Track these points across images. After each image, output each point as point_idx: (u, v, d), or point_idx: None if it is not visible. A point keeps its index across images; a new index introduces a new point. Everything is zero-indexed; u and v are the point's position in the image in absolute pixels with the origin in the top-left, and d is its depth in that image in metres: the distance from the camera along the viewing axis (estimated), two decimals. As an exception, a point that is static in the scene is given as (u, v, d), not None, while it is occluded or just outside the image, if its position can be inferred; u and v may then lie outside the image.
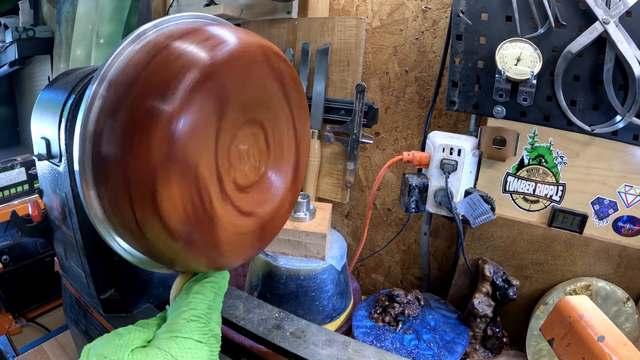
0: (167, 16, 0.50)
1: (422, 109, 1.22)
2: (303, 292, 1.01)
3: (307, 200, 1.04)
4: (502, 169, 1.10)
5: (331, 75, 1.24)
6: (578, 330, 0.62)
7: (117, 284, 0.66)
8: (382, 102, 1.26)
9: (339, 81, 1.24)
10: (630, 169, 1.02)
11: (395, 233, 1.36)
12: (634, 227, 1.06)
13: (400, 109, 1.24)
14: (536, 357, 1.09)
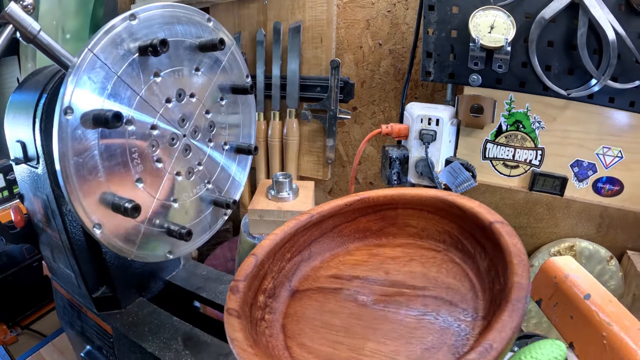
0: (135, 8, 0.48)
1: (398, 81, 1.21)
2: (292, 271, 1.01)
3: (289, 179, 1.04)
4: (481, 136, 1.11)
5: (304, 53, 1.22)
6: (564, 290, 0.63)
7: (107, 281, 0.66)
8: (358, 76, 1.25)
9: (313, 58, 1.22)
10: (607, 131, 1.03)
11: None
12: (613, 187, 1.08)
13: (376, 83, 1.24)
14: (525, 317, 1.12)
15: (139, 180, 0.51)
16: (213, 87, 0.60)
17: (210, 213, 0.66)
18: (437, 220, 0.57)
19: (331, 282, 0.56)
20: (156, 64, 0.50)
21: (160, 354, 0.61)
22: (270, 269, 0.54)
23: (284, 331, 0.50)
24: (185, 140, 0.57)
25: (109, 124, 0.42)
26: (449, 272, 0.53)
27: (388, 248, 0.59)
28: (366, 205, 0.59)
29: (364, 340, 0.47)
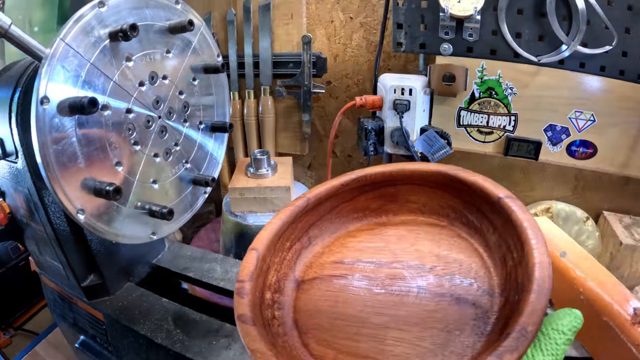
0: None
1: (370, 54, 1.22)
2: (276, 246, 1.03)
3: (267, 156, 1.05)
4: (455, 104, 1.12)
5: (276, 30, 1.22)
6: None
7: (95, 268, 0.66)
8: (330, 50, 1.25)
9: (285, 35, 1.22)
10: (579, 95, 1.06)
11: (358, 178, 1.39)
12: (587, 150, 1.10)
13: (349, 56, 1.24)
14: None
15: (118, 164, 0.51)
16: (185, 68, 0.61)
17: (190, 192, 0.67)
18: (439, 195, 0.56)
19: (337, 269, 0.54)
20: (127, 49, 0.50)
21: (153, 335, 0.62)
22: (272, 261, 0.52)
23: (298, 327, 0.49)
24: (161, 122, 0.58)
25: (85, 110, 0.42)
26: (458, 248, 0.52)
27: (390, 226, 0.58)
28: (363, 183, 0.58)
29: (385, 329, 0.46)
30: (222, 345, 0.61)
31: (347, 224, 0.59)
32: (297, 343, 0.46)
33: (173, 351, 0.60)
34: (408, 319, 0.45)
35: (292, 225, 0.54)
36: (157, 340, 0.61)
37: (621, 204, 1.17)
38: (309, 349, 0.46)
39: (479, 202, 0.51)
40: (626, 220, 1.13)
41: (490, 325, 0.42)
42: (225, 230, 1.09)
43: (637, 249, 1.03)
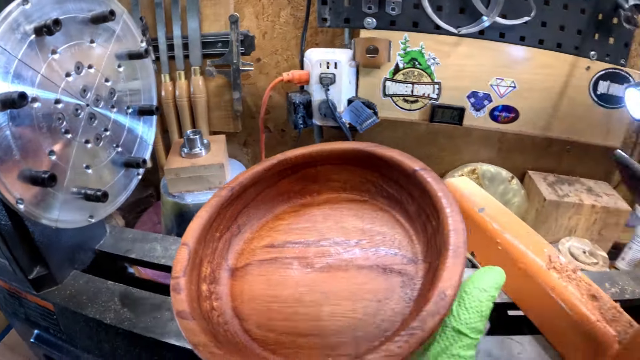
0: None
1: (298, 30, 1.24)
2: (215, 222, 1.06)
3: (200, 135, 1.07)
4: (380, 75, 1.17)
5: (204, 10, 1.22)
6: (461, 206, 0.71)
7: (40, 260, 0.66)
8: (259, 28, 1.27)
9: (212, 15, 1.23)
10: (499, 63, 1.12)
11: (292, 150, 1.42)
12: (509, 114, 1.18)
13: (277, 33, 1.26)
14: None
15: (52, 153, 0.53)
16: (109, 56, 0.62)
17: (124, 174, 0.69)
18: (358, 172, 0.58)
19: (268, 253, 0.55)
20: (53, 42, 0.51)
21: (102, 316, 0.64)
22: (204, 253, 0.53)
23: (237, 315, 0.50)
24: (89, 110, 0.59)
25: (16, 104, 0.44)
26: (381, 221, 0.54)
27: (315, 206, 0.60)
28: (285, 167, 0.59)
29: (318, 306, 0.48)
30: (167, 318, 0.63)
31: (273, 208, 0.60)
32: (239, 330, 0.48)
33: (122, 329, 0.62)
34: (339, 294, 0.48)
35: (220, 216, 0.55)
36: (106, 321, 0.63)
37: (545, 163, 1.25)
38: (251, 335, 0.47)
39: (397, 175, 0.53)
40: (550, 179, 1.21)
41: (416, 291, 0.45)
42: (165, 212, 1.11)
43: (560, 205, 1.11)
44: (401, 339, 0.35)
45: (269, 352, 0.45)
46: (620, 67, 1.11)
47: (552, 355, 0.59)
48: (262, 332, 0.47)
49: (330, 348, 0.44)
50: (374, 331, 0.43)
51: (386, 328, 0.43)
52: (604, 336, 0.51)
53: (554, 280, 0.58)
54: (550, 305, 0.58)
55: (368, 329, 0.44)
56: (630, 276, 0.74)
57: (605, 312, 0.53)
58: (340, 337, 0.44)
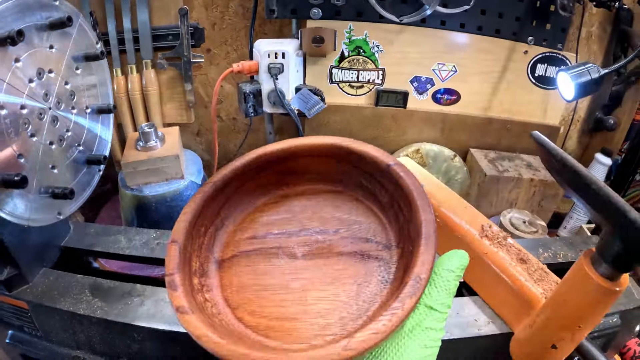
0: None
1: (247, 20, 1.26)
2: (175, 211, 1.09)
3: (154, 128, 1.08)
4: (326, 63, 1.21)
5: (153, 3, 1.22)
6: (402, 184, 0.77)
7: (10, 260, 0.68)
8: (208, 19, 1.28)
9: (162, 7, 1.23)
10: (441, 49, 1.19)
11: (243, 138, 1.46)
12: (451, 97, 1.25)
13: (227, 24, 1.28)
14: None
15: (20, 156, 0.55)
16: (67, 59, 0.64)
17: (86, 171, 0.72)
18: (334, 164, 0.59)
19: (252, 244, 0.57)
20: (15, 51, 0.53)
21: (75, 308, 0.67)
22: (192, 248, 0.54)
23: (229, 304, 0.52)
24: (52, 112, 0.61)
25: None
26: (356, 211, 0.58)
27: (293, 197, 0.62)
28: (264, 161, 0.60)
29: (304, 291, 0.51)
30: (137, 303, 0.67)
31: (253, 200, 0.62)
32: (232, 319, 0.50)
33: (95, 318, 0.65)
34: (323, 279, 0.51)
35: (204, 211, 0.56)
36: (80, 312, 0.66)
37: (487, 141, 1.32)
38: (244, 322, 0.50)
39: (370, 168, 0.56)
40: (491, 155, 1.29)
41: (392, 274, 0.50)
42: (124, 206, 1.12)
43: (500, 179, 1.19)
44: (384, 318, 0.39)
45: (262, 337, 0.48)
46: (557, 51, 1.19)
47: (488, 313, 0.66)
48: (254, 319, 0.50)
49: (318, 329, 0.47)
50: (356, 311, 0.48)
51: (367, 308, 0.47)
52: (531, 294, 0.58)
53: (487, 247, 0.64)
54: (484, 269, 0.64)
55: (351, 310, 0.48)
56: (563, 242, 0.82)
57: (533, 274, 0.60)
58: (327, 318, 0.48)
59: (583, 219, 1.26)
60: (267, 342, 0.47)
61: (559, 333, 0.52)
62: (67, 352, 0.74)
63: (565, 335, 0.52)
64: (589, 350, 0.56)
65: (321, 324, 0.48)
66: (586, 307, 0.49)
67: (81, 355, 0.73)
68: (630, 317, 0.71)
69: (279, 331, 0.48)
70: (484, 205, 1.23)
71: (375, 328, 0.39)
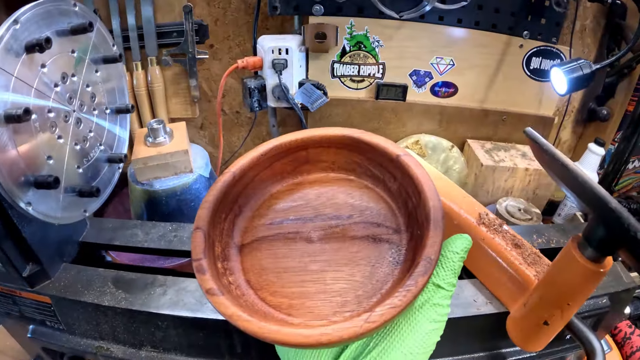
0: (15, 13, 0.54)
1: (249, 16, 1.30)
2: (184, 204, 1.13)
3: (163, 124, 1.12)
4: (328, 58, 1.25)
5: (157, 0, 1.26)
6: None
7: (32, 257, 0.70)
8: (211, 15, 1.31)
9: (166, 5, 1.26)
10: (439, 44, 1.23)
11: (247, 131, 1.49)
12: (449, 90, 1.29)
13: (229, 20, 1.31)
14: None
15: (49, 158, 0.59)
16: (88, 63, 0.68)
17: (108, 170, 0.76)
18: (345, 154, 0.62)
19: (270, 229, 0.59)
20: (41, 57, 0.57)
21: (100, 300, 0.70)
22: (214, 234, 0.56)
23: (251, 286, 0.54)
24: (76, 115, 0.65)
25: (21, 119, 0.50)
26: (367, 197, 0.60)
27: (307, 185, 0.64)
28: (279, 151, 0.62)
29: (322, 272, 0.54)
30: (159, 293, 0.71)
31: (268, 187, 0.63)
32: (256, 299, 0.53)
33: (120, 308, 0.69)
34: (339, 261, 0.55)
35: (224, 199, 0.58)
36: (104, 304, 0.69)
37: (483, 132, 1.36)
38: (267, 302, 0.52)
39: (380, 158, 0.59)
40: (487, 146, 1.33)
41: (402, 256, 0.54)
42: (134, 200, 1.16)
43: (496, 169, 1.23)
44: (400, 294, 0.43)
45: (285, 315, 0.51)
46: (552, 44, 1.23)
47: (486, 294, 0.71)
48: (276, 299, 0.53)
49: (337, 306, 0.51)
50: (371, 290, 0.51)
51: (380, 287, 0.51)
52: (525, 276, 0.62)
53: (483, 233, 0.69)
54: (482, 254, 0.69)
55: (366, 289, 0.52)
56: (556, 229, 0.86)
57: (527, 257, 0.65)
58: (344, 296, 0.51)
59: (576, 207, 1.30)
60: (290, 319, 0.50)
61: (550, 311, 0.56)
62: (91, 342, 0.77)
63: (556, 313, 0.56)
64: (578, 328, 0.61)
65: (339, 302, 0.51)
66: (574, 287, 0.53)
67: (104, 346, 0.76)
68: (618, 299, 0.75)
69: (300, 309, 0.51)
70: (480, 193, 1.27)
71: (393, 303, 0.43)
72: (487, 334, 0.72)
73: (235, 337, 0.71)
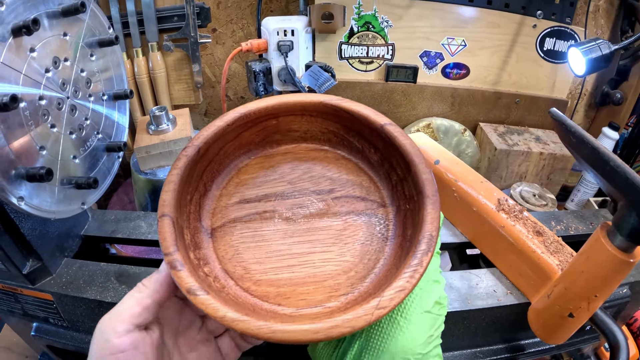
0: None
1: (251, -2, 1.26)
2: (188, 193, 1.09)
3: (165, 111, 1.08)
4: (335, 39, 1.21)
5: (156, -16, 1.22)
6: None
7: (32, 253, 0.68)
8: (212, -2, 1.27)
9: (166, -12, 1.22)
10: (450, 24, 1.19)
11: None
12: (460, 71, 1.25)
13: (232, 2, 1.28)
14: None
15: (42, 148, 0.56)
16: (82, 46, 0.64)
17: (107, 159, 0.73)
18: (320, 122, 0.57)
19: (242, 209, 0.55)
20: (30, 41, 0.53)
21: (102, 296, 0.67)
22: (182, 220, 0.50)
23: (231, 276, 0.50)
24: (70, 102, 0.62)
25: (9, 107, 0.46)
26: (346, 169, 0.57)
27: (278, 156, 0.59)
28: (248, 120, 0.56)
29: (309, 254, 0.51)
30: (163, 287, 0.68)
31: (235, 161, 0.58)
32: (238, 291, 0.48)
33: None
34: (326, 241, 0.52)
35: (189, 178, 0.52)
36: (107, 300, 0.67)
37: (496, 115, 1.33)
38: (251, 293, 0.48)
39: (360, 127, 0.55)
40: (500, 129, 1.29)
41: (391, 232, 0.51)
42: (138, 190, 1.13)
43: (510, 153, 1.20)
44: (407, 275, 0.41)
45: (275, 305, 0.47)
46: (566, 25, 1.18)
47: (506, 284, 0.68)
48: (261, 288, 0.49)
49: (329, 290, 0.48)
50: (362, 270, 0.49)
51: (372, 266, 0.49)
52: (548, 266, 0.59)
53: (504, 220, 0.66)
54: (501, 241, 0.66)
55: (357, 269, 0.49)
56: (574, 215, 0.83)
57: (549, 246, 0.61)
58: (336, 279, 0.49)
59: (590, 192, 1.26)
60: (281, 309, 0.47)
61: (576, 302, 0.53)
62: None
63: (582, 304, 0.53)
64: (602, 320, 0.58)
65: (332, 286, 0.49)
66: (602, 278, 0.50)
67: (109, 341, 0.74)
68: (639, 289, 0.72)
69: (291, 297, 0.48)
70: (494, 178, 1.24)
71: (401, 286, 0.41)
72: (507, 326, 0.69)
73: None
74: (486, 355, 0.71)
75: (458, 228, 0.77)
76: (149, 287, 0.44)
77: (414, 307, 0.47)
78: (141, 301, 0.43)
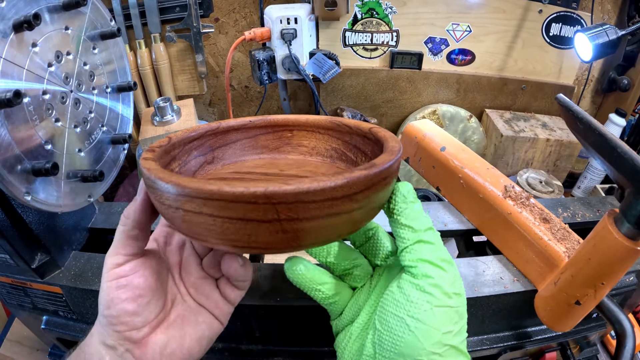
0: None
1: (253, -13, 1.25)
2: (194, 185, 1.09)
3: (169, 102, 1.09)
4: (339, 26, 1.21)
5: (157, -26, 1.21)
6: (424, 146, 0.77)
7: (40, 247, 0.68)
8: (214, -13, 1.27)
9: (167, -21, 1.22)
10: (454, 9, 1.18)
11: (258, 106, 1.46)
12: (466, 57, 1.24)
13: (233, -9, 1.27)
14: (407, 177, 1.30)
15: (47, 143, 0.56)
16: (84, 39, 0.64)
17: (112, 151, 0.73)
18: (326, 139, 0.62)
19: (233, 176, 0.59)
20: (31, 36, 0.53)
21: None
22: (178, 155, 0.54)
23: None
24: (74, 95, 0.62)
25: (12, 103, 0.46)
26: None
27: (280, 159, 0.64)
28: (267, 124, 0.63)
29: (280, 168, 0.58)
30: (172, 275, 0.68)
31: (245, 156, 0.63)
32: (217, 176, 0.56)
33: None
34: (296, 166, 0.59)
35: (203, 139, 0.58)
36: None
37: (502, 102, 1.32)
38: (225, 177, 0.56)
39: (356, 138, 0.58)
40: (507, 116, 1.28)
41: None
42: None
43: (516, 140, 1.19)
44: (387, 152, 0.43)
45: None
46: (572, 10, 1.17)
47: (512, 271, 0.68)
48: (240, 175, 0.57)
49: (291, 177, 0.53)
50: None
51: None
52: (555, 253, 0.59)
53: (510, 207, 0.65)
54: (508, 228, 0.66)
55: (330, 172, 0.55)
56: (581, 202, 0.82)
57: (556, 233, 0.61)
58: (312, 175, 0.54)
59: (597, 179, 1.26)
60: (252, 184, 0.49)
61: (583, 290, 0.53)
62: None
63: (589, 292, 0.53)
64: (609, 308, 0.58)
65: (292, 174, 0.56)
66: (609, 265, 0.50)
67: (118, 332, 0.74)
68: (645, 277, 0.72)
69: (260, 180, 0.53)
70: (500, 165, 1.24)
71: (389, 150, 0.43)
72: (513, 313, 0.69)
73: (253, 322, 0.69)
74: (493, 342, 0.71)
75: (464, 215, 0.76)
76: (130, 218, 0.46)
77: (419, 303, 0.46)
78: (128, 233, 0.46)
